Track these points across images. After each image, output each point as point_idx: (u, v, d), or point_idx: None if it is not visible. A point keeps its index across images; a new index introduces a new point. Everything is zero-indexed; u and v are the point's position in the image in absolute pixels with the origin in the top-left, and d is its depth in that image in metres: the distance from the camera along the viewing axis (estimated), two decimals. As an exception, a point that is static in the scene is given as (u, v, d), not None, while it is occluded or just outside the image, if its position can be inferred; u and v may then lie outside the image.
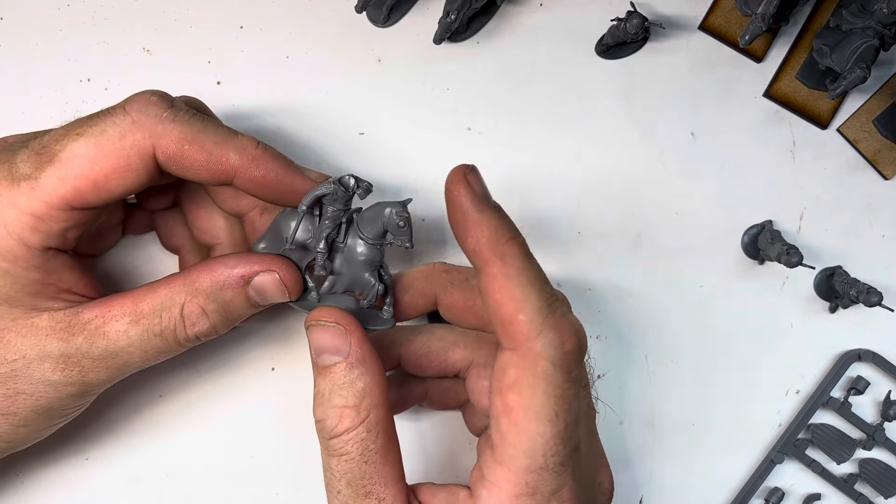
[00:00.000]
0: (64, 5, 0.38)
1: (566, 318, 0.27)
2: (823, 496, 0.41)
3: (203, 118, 0.29)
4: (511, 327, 0.27)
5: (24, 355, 0.29)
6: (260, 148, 0.30)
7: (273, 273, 0.30)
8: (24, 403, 0.29)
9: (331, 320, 0.29)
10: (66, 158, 0.27)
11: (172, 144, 0.28)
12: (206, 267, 0.30)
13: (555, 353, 0.26)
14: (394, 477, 0.29)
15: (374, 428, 0.28)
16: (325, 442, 0.29)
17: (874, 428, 0.40)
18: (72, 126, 0.28)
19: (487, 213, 0.28)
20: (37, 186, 0.27)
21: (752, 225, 0.40)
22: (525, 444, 0.27)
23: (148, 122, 0.28)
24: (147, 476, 0.38)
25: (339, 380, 0.29)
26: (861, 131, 0.41)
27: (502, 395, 0.27)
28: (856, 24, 0.36)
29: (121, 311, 0.29)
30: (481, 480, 0.28)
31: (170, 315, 0.29)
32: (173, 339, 0.30)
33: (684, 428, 0.41)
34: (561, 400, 0.27)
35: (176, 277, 0.30)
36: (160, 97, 0.29)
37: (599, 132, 0.40)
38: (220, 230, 0.35)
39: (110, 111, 0.28)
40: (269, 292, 0.31)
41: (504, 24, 0.40)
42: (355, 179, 0.29)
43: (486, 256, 0.27)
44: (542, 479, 0.27)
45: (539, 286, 0.27)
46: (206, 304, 0.30)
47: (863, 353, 0.40)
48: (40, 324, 0.29)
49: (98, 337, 0.29)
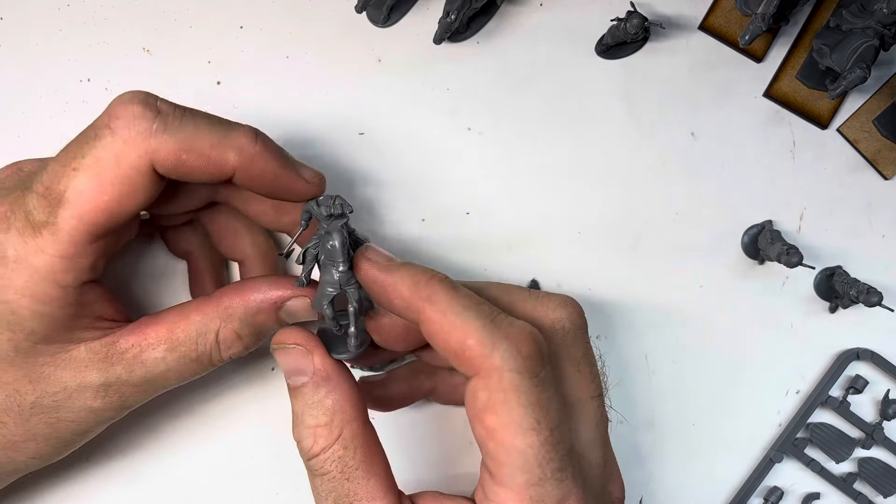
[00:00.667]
0: (64, 5, 0.38)
1: (514, 325, 0.27)
2: (823, 495, 0.41)
3: (192, 118, 0.28)
4: (465, 354, 0.26)
5: (64, 387, 0.29)
6: (259, 144, 0.29)
7: (304, 298, 0.31)
8: (65, 429, 0.30)
9: (290, 342, 0.29)
10: (73, 197, 0.27)
11: (170, 157, 0.28)
12: (238, 293, 0.31)
13: (515, 362, 0.26)
14: (381, 490, 0.28)
15: (351, 444, 0.28)
16: (306, 463, 0.29)
17: (873, 427, 0.40)
18: (64, 159, 0.27)
19: (397, 272, 0.28)
20: (57, 231, 0.27)
21: (752, 225, 0.40)
22: (518, 461, 0.26)
23: (139, 139, 0.27)
24: (147, 476, 0.38)
25: (309, 399, 0.29)
26: (861, 131, 0.41)
27: (480, 420, 0.27)
28: (856, 24, 0.36)
29: (157, 338, 0.30)
30: (486, 502, 0.28)
31: (206, 341, 0.30)
32: (208, 362, 0.31)
33: (684, 428, 0.41)
34: (537, 406, 0.26)
35: (208, 303, 0.31)
36: (143, 106, 0.27)
37: (599, 132, 0.40)
38: (247, 245, 0.35)
39: (97, 133, 0.27)
40: (300, 314, 0.32)
41: (504, 24, 0.40)
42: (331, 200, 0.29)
43: (415, 305, 0.27)
44: (545, 489, 0.27)
45: (475, 308, 0.27)
46: (240, 328, 0.31)
47: (861, 352, 0.40)
48: (78, 356, 0.29)
49: (136, 366, 0.30)
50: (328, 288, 0.29)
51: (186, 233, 0.36)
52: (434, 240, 0.39)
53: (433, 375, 0.35)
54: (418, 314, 0.28)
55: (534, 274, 0.40)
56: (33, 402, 0.29)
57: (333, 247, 0.28)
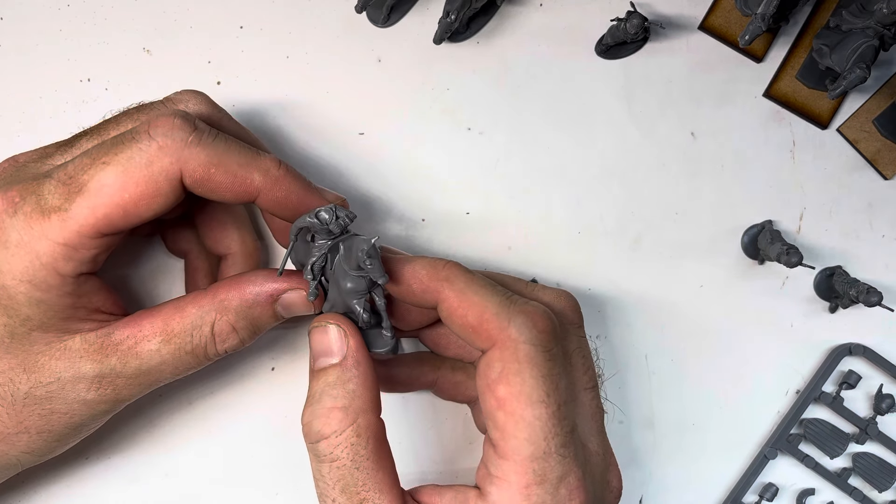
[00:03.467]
0: (64, 5, 0.38)
1: (529, 303, 0.29)
2: (817, 491, 0.41)
3: (226, 139, 0.30)
4: (482, 327, 0.28)
5: (58, 378, 0.29)
6: (282, 169, 0.30)
7: (300, 290, 0.31)
8: (58, 421, 0.30)
9: (332, 321, 0.30)
10: (94, 188, 0.27)
11: (199, 169, 0.28)
12: (234, 285, 0.31)
13: (530, 334, 0.28)
14: (388, 483, 0.28)
15: (364, 433, 0.28)
16: (312, 447, 0.29)
17: (867, 422, 0.40)
18: (96, 154, 0.28)
19: (414, 260, 0.30)
20: (68, 218, 0.27)
21: (752, 225, 0.40)
22: (525, 432, 0.27)
23: (174, 147, 0.28)
24: (147, 476, 0.38)
25: (332, 381, 0.29)
26: (861, 131, 0.41)
27: (492, 390, 0.28)
28: (856, 24, 0.36)
29: (152, 330, 0.30)
30: (489, 477, 0.28)
31: (200, 333, 0.30)
32: (203, 355, 0.31)
33: (684, 428, 0.41)
34: (548, 379, 0.28)
35: (204, 296, 0.31)
36: (183, 120, 0.29)
37: (599, 132, 0.40)
38: (233, 241, 0.35)
39: (135, 136, 0.28)
40: (297, 307, 0.32)
41: (504, 24, 0.40)
42: (334, 212, 0.29)
43: (433, 287, 0.29)
44: (549, 464, 0.27)
45: (491, 288, 0.29)
46: (235, 321, 0.31)
47: (853, 347, 0.40)
48: (73, 346, 0.29)
49: (131, 357, 0.30)
50: (356, 295, 0.30)
51: (185, 232, 0.36)
52: (434, 240, 0.39)
53: (437, 369, 0.35)
54: (437, 294, 0.29)
55: (534, 273, 0.40)
56: (27, 393, 0.29)
57: (373, 262, 0.28)
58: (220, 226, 0.35)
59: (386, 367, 0.35)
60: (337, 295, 0.31)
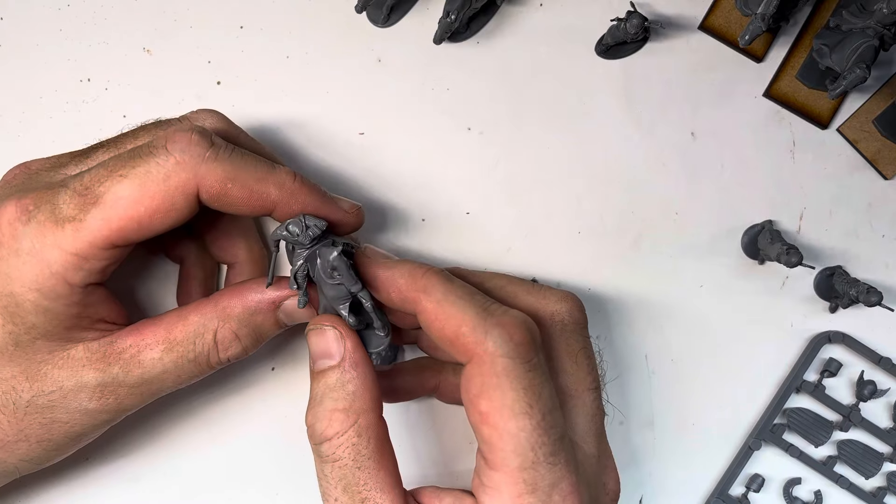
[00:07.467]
0: (64, 5, 0.38)
1: (506, 314, 0.28)
2: (804, 480, 0.41)
3: (242, 154, 0.30)
4: (459, 341, 0.28)
5: (60, 386, 0.29)
6: (297, 181, 0.30)
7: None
8: (59, 431, 0.30)
9: (327, 324, 0.30)
10: (111, 201, 0.28)
11: (216, 184, 0.29)
12: (237, 293, 0.31)
13: (507, 347, 0.27)
14: (390, 483, 0.28)
15: (365, 433, 0.28)
16: (316, 448, 0.29)
17: (850, 409, 0.40)
18: (114, 166, 0.28)
19: (394, 267, 0.30)
20: (82, 228, 0.27)
21: (752, 225, 0.40)
22: (511, 444, 0.27)
23: (191, 162, 0.28)
24: (147, 476, 0.38)
25: (332, 383, 0.29)
26: (861, 131, 0.41)
27: (474, 405, 0.28)
28: (856, 24, 0.36)
29: (154, 339, 0.30)
30: (482, 487, 0.28)
31: (203, 341, 0.30)
32: (206, 364, 0.31)
33: (684, 428, 0.41)
34: (530, 391, 0.27)
35: (206, 304, 0.31)
36: (201, 135, 0.29)
37: (599, 132, 0.40)
38: (240, 250, 0.35)
39: (152, 151, 0.28)
40: (299, 314, 0.32)
41: (504, 24, 0.40)
42: (303, 223, 0.29)
43: (411, 297, 0.29)
44: (539, 473, 0.27)
45: (468, 299, 0.28)
46: (238, 329, 0.31)
47: (832, 335, 0.40)
48: (76, 355, 0.29)
49: (133, 366, 0.30)
50: (339, 300, 0.30)
51: (184, 239, 0.36)
52: (434, 240, 0.39)
53: (438, 374, 0.35)
54: (415, 305, 0.29)
55: (534, 273, 0.40)
56: (28, 401, 0.29)
57: (340, 272, 0.28)
58: (227, 234, 0.35)
59: (388, 377, 0.35)
60: (326, 304, 0.31)
